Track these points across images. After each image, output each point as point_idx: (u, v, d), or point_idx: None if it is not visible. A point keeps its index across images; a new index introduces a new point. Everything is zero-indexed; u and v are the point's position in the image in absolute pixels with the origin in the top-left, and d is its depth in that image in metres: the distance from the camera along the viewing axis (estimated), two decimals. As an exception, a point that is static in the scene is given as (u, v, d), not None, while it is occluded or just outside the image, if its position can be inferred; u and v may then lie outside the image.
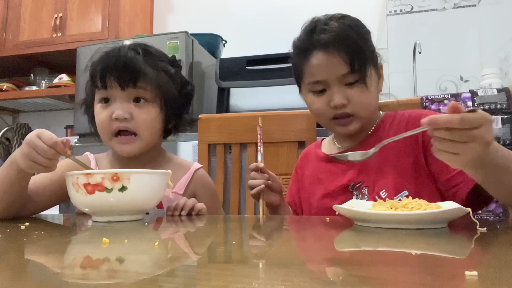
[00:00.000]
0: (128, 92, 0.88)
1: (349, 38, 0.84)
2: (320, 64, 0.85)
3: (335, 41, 0.83)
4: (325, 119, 0.90)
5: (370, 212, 0.60)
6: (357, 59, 0.83)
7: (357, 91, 0.85)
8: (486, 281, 0.31)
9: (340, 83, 0.85)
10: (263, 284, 0.31)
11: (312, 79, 0.88)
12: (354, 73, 0.83)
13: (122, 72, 0.87)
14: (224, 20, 2.69)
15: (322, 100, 0.87)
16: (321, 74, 0.86)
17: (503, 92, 1.64)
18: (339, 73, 0.84)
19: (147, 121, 0.90)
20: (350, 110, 0.86)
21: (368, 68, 0.85)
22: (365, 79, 0.84)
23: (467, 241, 0.52)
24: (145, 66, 0.89)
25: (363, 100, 0.86)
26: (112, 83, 0.88)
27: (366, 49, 0.85)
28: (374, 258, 0.42)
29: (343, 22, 0.86)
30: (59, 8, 2.57)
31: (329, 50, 0.83)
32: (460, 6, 2.20)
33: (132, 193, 0.70)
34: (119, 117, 0.87)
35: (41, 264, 0.42)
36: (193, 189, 0.98)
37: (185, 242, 0.57)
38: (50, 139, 0.71)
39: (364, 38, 0.87)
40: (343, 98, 0.84)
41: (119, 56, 0.88)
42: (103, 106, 0.90)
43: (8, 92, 2.71)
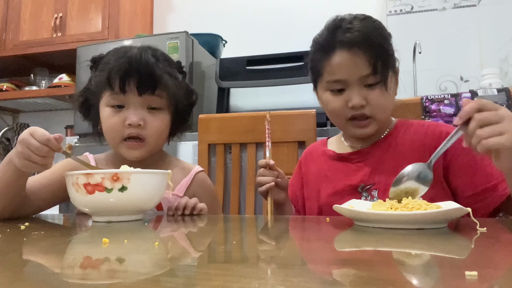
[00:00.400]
0: (144, 99, 0.87)
1: (374, 39, 0.83)
2: (342, 63, 0.84)
3: (360, 41, 0.83)
4: (341, 120, 0.89)
5: (370, 212, 0.60)
6: (380, 61, 0.83)
7: (376, 93, 0.84)
8: (486, 281, 0.31)
9: (360, 84, 0.84)
10: (263, 284, 0.31)
11: (332, 78, 0.86)
12: (375, 75, 0.83)
13: (143, 78, 0.85)
14: (224, 20, 2.69)
15: (340, 99, 0.86)
16: (342, 73, 0.85)
17: (503, 92, 1.64)
18: (361, 74, 0.83)
19: (159, 128, 0.90)
20: (368, 112, 0.85)
21: (389, 71, 0.85)
22: (386, 81, 0.84)
23: (467, 241, 0.52)
24: (163, 73, 0.88)
25: (382, 102, 0.85)
26: (131, 88, 0.86)
27: (389, 52, 0.86)
28: (374, 258, 0.42)
29: (367, 22, 0.86)
30: (59, 8, 2.57)
31: (353, 49, 0.83)
32: (460, 6, 2.20)
33: (132, 193, 0.70)
34: (134, 124, 0.86)
35: (41, 264, 0.42)
36: (193, 192, 0.97)
37: (185, 242, 0.57)
38: (43, 136, 0.71)
39: (387, 40, 0.87)
40: (362, 99, 0.84)
41: (141, 61, 0.86)
42: (115, 110, 0.88)
43: (8, 92, 2.71)
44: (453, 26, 2.18)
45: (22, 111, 3.11)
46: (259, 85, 2.03)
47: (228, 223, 0.76)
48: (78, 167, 0.93)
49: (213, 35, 2.39)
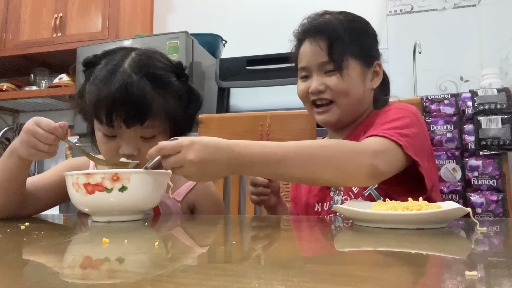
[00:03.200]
0: (135, 131, 0.81)
1: (330, 27, 0.88)
2: (305, 51, 0.92)
3: (316, 29, 0.90)
4: (307, 106, 0.95)
5: (370, 212, 0.60)
6: (336, 48, 0.87)
7: (334, 79, 0.88)
8: (486, 281, 0.31)
9: (320, 71, 0.90)
10: (263, 284, 0.31)
11: (299, 66, 0.94)
12: (332, 62, 0.87)
13: (129, 114, 0.78)
14: (224, 20, 2.69)
15: (304, 85, 0.92)
16: (305, 60, 0.92)
17: (503, 92, 1.64)
18: (319, 61, 0.89)
19: None
20: (328, 96, 0.89)
21: (346, 58, 0.87)
22: (340, 67, 0.87)
23: (467, 241, 0.52)
24: (153, 100, 0.79)
25: (341, 87, 0.88)
26: (118, 123, 0.79)
27: (348, 40, 0.88)
28: (374, 258, 0.42)
29: (335, 15, 0.91)
30: (59, 8, 2.57)
31: (313, 38, 0.89)
32: (460, 6, 2.20)
33: (132, 193, 0.70)
34: (126, 154, 0.81)
35: (41, 264, 0.42)
36: (193, 198, 0.94)
37: (185, 242, 0.57)
38: (49, 125, 0.72)
39: (350, 29, 0.89)
40: (319, 84, 0.89)
41: (126, 94, 0.77)
42: (107, 138, 0.83)
43: (8, 92, 2.71)
44: (453, 26, 2.18)
45: (22, 111, 3.11)
46: (259, 85, 2.03)
47: (228, 223, 0.76)
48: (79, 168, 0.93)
49: (213, 35, 2.39)
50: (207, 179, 0.80)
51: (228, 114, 1.39)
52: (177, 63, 0.90)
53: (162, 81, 0.83)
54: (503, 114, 1.61)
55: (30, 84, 2.82)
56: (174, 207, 0.92)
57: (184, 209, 0.93)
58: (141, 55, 0.85)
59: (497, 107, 1.62)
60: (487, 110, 1.63)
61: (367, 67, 0.92)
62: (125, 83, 0.78)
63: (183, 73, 0.89)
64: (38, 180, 0.88)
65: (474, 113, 1.66)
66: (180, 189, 0.93)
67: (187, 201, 0.94)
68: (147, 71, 0.81)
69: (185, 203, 0.93)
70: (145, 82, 0.79)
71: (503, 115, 1.61)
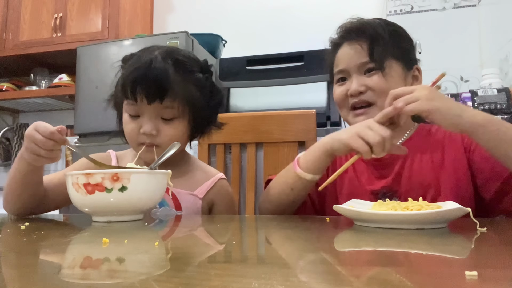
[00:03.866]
0: (156, 109, 0.87)
1: (370, 27, 0.87)
2: (343, 53, 0.90)
3: (356, 30, 0.88)
4: (344, 112, 0.92)
5: (370, 212, 0.60)
6: (377, 48, 0.85)
7: (376, 79, 0.86)
8: (486, 281, 0.31)
9: (359, 72, 0.87)
10: (263, 284, 0.31)
11: (335, 70, 0.91)
12: (373, 62, 0.85)
13: (150, 88, 0.84)
14: (224, 20, 2.69)
15: (342, 88, 0.89)
16: (343, 63, 0.89)
17: (503, 92, 1.64)
18: (359, 61, 0.87)
19: (174, 137, 0.88)
20: (368, 98, 0.86)
21: (388, 58, 0.86)
22: (382, 66, 0.85)
23: (467, 241, 0.52)
24: (174, 81, 0.86)
25: (383, 86, 0.85)
26: (141, 97, 0.86)
27: (388, 40, 0.86)
28: (374, 258, 0.42)
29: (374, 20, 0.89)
30: (59, 8, 2.57)
31: (352, 40, 0.88)
32: (460, 6, 2.20)
33: (132, 193, 0.70)
34: (147, 133, 0.86)
35: (41, 264, 0.42)
36: (213, 197, 0.97)
37: (185, 242, 0.57)
38: (46, 130, 0.72)
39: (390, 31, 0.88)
40: (360, 85, 0.86)
41: (150, 69, 0.85)
42: (131, 118, 0.89)
43: (8, 92, 2.71)
44: (453, 26, 2.18)
45: (22, 111, 3.11)
46: (259, 85, 2.03)
47: (228, 223, 0.76)
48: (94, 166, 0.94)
49: (213, 35, 2.39)
50: (438, 104, 0.71)
51: (228, 114, 1.39)
52: (203, 60, 0.97)
53: (185, 68, 0.90)
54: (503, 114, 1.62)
55: (30, 84, 2.82)
56: (195, 204, 0.94)
57: (204, 206, 0.95)
58: (171, 48, 0.92)
59: (497, 107, 1.62)
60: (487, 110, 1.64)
61: (407, 69, 0.90)
62: (149, 61, 0.86)
63: (207, 69, 0.96)
64: (57, 177, 0.90)
65: (474, 113, 1.66)
66: (201, 187, 0.95)
67: (207, 199, 0.96)
68: (172, 57, 0.88)
69: (205, 201, 0.96)
70: (169, 64, 0.87)
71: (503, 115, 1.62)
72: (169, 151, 0.79)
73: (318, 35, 2.48)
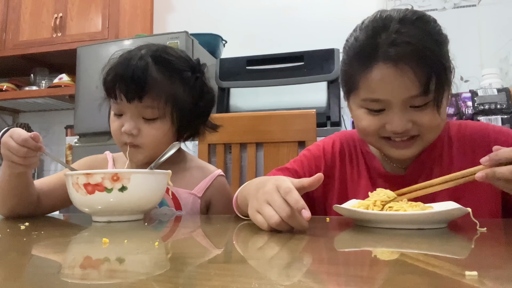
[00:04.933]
0: (137, 109, 0.85)
1: (428, 52, 0.66)
2: (384, 80, 0.68)
3: (409, 55, 0.66)
4: (374, 139, 0.75)
5: (370, 212, 0.60)
6: (434, 78, 0.66)
7: (426, 115, 0.69)
8: (486, 281, 0.31)
9: (405, 105, 0.69)
10: (263, 284, 0.31)
11: (369, 96, 0.71)
12: (426, 95, 0.67)
13: (128, 85, 0.83)
14: (224, 20, 2.69)
15: (377, 120, 0.72)
16: (384, 92, 0.69)
17: (503, 92, 1.64)
18: (408, 95, 0.68)
19: (155, 137, 0.86)
20: (414, 133, 0.71)
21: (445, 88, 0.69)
22: (440, 102, 0.68)
23: (467, 241, 0.52)
24: (155, 80, 0.83)
25: (433, 124, 0.70)
26: (121, 96, 0.85)
27: (447, 65, 0.69)
28: (374, 258, 0.42)
29: (421, 28, 0.68)
30: (59, 8, 2.57)
31: (400, 65, 0.66)
32: (460, 6, 2.20)
33: (132, 193, 0.70)
34: (127, 132, 0.85)
35: (41, 264, 0.42)
36: (210, 195, 0.96)
37: (185, 242, 0.57)
38: (19, 137, 0.71)
39: (445, 50, 0.71)
40: (406, 123, 0.69)
41: (128, 67, 0.83)
42: (116, 116, 0.89)
43: (8, 92, 2.71)
44: (453, 26, 2.18)
45: (22, 111, 3.11)
46: (259, 85, 2.03)
47: (227, 223, 0.76)
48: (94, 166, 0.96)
49: (213, 35, 2.39)
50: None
51: (228, 114, 1.39)
52: (195, 59, 0.94)
53: (171, 66, 0.87)
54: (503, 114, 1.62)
55: (30, 84, 2.82)
56: (195, 203, 0.93)
57: (202, 205, 0.95)
58: (161, 46, 0.90)
59: (497, 107, 1.62)
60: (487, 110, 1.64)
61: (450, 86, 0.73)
62: (129, 58, 0.84)
63: (198, 69, 0.92)
64: (52, 180, 0.90)
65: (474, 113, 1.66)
66: (199, 185, 0.95)
67: (205, 197, 0.96)
68: (156, 55, 0.86)
69: (203, 199, 0.95)
70: (151, 63, 0.84)
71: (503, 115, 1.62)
72: (169, 151, 0.78)
73: (318, 35, 2.48)
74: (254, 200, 0.61)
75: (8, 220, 0.79)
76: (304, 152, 0.91)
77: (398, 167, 0.82)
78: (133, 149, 0.87)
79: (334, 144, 0.89)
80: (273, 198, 0.57)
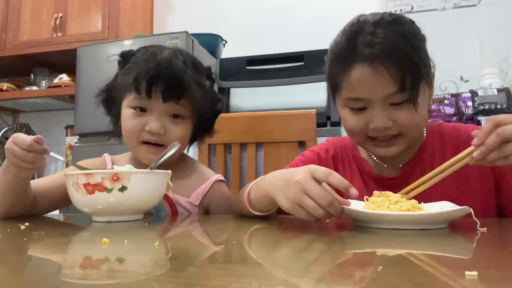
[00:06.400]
0: (168, 106, 0.85)
1: (401, 52, 0.69)
2: (362, 79, 0.72)
3: (383, 55, 0.69)
4: (360, 139, 0.79)
5: (370, 212, 0.60)
6: (409, 76, 0.70)
7: (405, 112, 0.72)
8: (486, 281, 0.31)
9: (384, 103, 0.72)
10: (263, 284, 0.31)
11: (351, 95, 0.75)
12: (403, 92, 0.70)
13: (170, 85, 0.83)
14: (224, 20, 2.69)
15: (360, 119, 0.75)
16: (363, 91, 0.72)
17: (503, 92, 1.64)
18: (385, 93, 0.71)
19: (180, 137, 0.86)
20: (395, 132, 0.74)
21: (421, 86, 0.72)
22: (416, 99, 0.71)
23: (468, 241, 0.52)
24: (191, 82, 0.86)
25: (412, 121, 0.73)
26: (156, 94, 0.83)
27: (421, 63, 0.72)
28: (374, 258, 0.42)
29: (394, 29, 0.71)
30: (59, 8, 2.57)
31: (375, 64, 0.70)
32: (460, 6, 2.20)
33: (132, 193, 0.70)
34: (154, 131, 0.84)
35: (41, 264, 0.42)
36: (208, 201, 0.95)
37: (185, 242, 0.57)
38: (24, 143, 0.70)
39: (419, 49, 0.73)
40: (387, 121, 0.72)
41: (170, 67, 0.83)
42: (136, 113, 0.86)
43: (8, 92, 2.71)
44: (453, 26, 2.18)
45: (22, 111, 3.11)
46: (259, 85, 2.03)
47: (227, 223, 0.76)
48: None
49: (213, 35, 2.39)
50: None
51: (229, 114, 1.39)
52: (207, 66, 0.96)
53: (198, 70, 0.90)
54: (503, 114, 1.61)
55: (30, 84, 2.82)
56: (192, 211, 0.93)
57: (200, 211, 0.94)
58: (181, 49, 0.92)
59: (497, 107, 1.62)
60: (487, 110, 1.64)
61: (429, 84, 0.76)
62: (169, 58, 0.85)
63: (210, 76, 0.96)
64: (48, 181, 0.90)
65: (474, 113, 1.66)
66: (197, 191, 0.94)
67: (203, 204, 0.95)
68: (185, 58, 0.88)
69: (201, 206, 0.94)
70: (187, 64, 0.87)
71: (503, 115, 1.62)
72: (169, 151, 0.78)
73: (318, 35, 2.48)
74: (286, 192, 0.61)
75: (8, 220, 0.79)
76: (300, 157, 0.94)
77: (389, 168, 0.84)
78: (154, 149, 0.86)
79: (327, 150, 0.92)
80: (310, 187, 0.58)
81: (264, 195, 0.69)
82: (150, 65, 0.83)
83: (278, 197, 0.63)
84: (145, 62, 0.85)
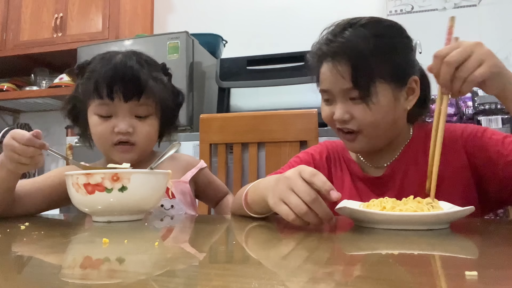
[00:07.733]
0: (130, 108, 0.88)
1: (354, 50, 0.75)
2: (325, 73, 0.80)
3: (339, 53, 0.76)
4: (334, 130, 0.85)
5: (370, 212, 0.59)
6: (361, 74, 0.75)
7: (360, 109, 0.77)
8: (486, 281, 0.31)
9: (344, 97, 0.79)
10: (263, 284, 0.31)
11: (321, 87, 0.83)
12: (357, 89, 0.76)
13: (129, 84, 0.86)
14: (224, 20, 2.69)
15: (329, 110, 0.82)
16: (326, 84, 0.80)
17: (504, 92, 1.63)
18: (342, 87, 0.77)
19: (149, 134, 0.91)
20: (354, 127, 0.79)
21: (374, 86, 0.75)
22: (368, 98, 0.75)
23: (468, 241, 0.52)
24: (148, 78, 0.88)
25: (367, 118, 0.77)
26: (118, 95, 0.86)
27: (375, 62, 0.76)
28: (374, 258, 0.42)
29: (361, 31, 0.77)
30: (60, 8, 2.57)
31: (335, 61, 0.77)
32: (460, 6, 2.20)
33: (132, 193, 0.70)
34: (123, 131, 0.86)
35: (41, 264, 0.42)
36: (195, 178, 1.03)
37: (185, 242, 0.57)
38: (23, 138, 0.71)
39: (378, 47, 0.76)
40: (344, 113, 0.78)
41: (126, 67, 0.86)
42: (102, 118, 0.88)
43: (9, 92, 2.71)
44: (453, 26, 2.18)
45: (22, 111, 3.11)
46: (259, 85, 2.03)
47: (228, 223, 0.76)
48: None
49: (213, 35, 2.39)
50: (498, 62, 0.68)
51: (229, 114, 1.39)
52: (162, 63, 0.99)
53: (153, 68, 0.93)
54: (503, 114, 1.61)
55: (31, 84, 2.82)
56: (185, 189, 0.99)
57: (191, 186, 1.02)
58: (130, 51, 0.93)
59: (497, 107, 1.62)
60: (487, 110, 1.64)
61: (400, 88, 0.79)
62: (124, 61, 0.87)
63: (167, 72, 0.99)
64: (32, 182, 0.89)
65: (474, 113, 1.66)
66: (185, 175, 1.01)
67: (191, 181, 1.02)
68: (141, 58, 0.91)
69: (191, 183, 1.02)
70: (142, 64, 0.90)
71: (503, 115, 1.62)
72: (169, 151, 0.79)
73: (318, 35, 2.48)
74: (275, 189, 0.62)
75: (8, 220, 0.79)
76: (294, 159, 0.96)
77: (374, 167, 0.88)
78: (127, 148, 0.89)
79: (321, 152, 0.96)
80: (296, 183, 0.58)
81: (260, 197, 0.70)
82: (107, 69, 0.86)
83: (268, 196, 0.64)
84: (102, 67, 0.88)
